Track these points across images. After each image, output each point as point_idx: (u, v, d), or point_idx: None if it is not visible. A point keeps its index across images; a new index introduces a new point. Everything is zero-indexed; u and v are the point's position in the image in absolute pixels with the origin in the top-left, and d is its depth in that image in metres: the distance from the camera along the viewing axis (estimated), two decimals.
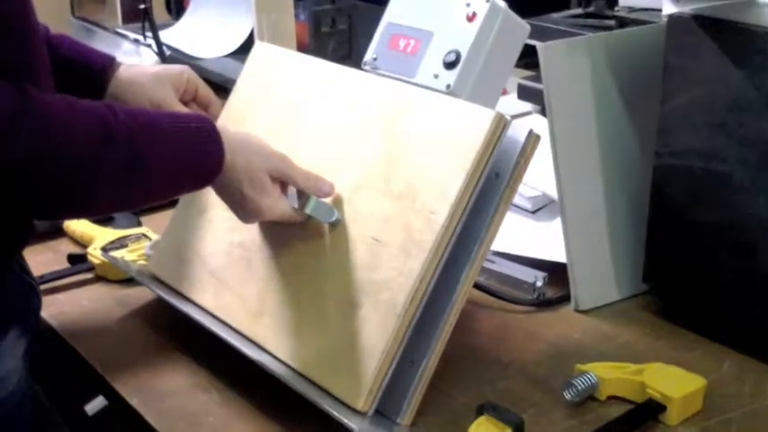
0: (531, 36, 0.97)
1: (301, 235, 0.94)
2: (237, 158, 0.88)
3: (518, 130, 0.87)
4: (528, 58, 1.02)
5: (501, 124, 0.84)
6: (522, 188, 1.14)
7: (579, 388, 0.91)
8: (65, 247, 1.25)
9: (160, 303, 1.08)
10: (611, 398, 0.92)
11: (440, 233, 0.84)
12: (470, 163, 0.84)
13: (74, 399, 1.27)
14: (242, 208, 0.91)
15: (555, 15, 1.61)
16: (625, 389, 0.92)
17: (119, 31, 1.81)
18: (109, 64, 1.07)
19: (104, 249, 1.17)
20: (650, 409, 0.90)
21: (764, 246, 0.95)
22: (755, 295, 0.96)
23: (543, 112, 1.42)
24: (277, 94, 1.04)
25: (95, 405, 1.38)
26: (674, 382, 0.90)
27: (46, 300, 1.12)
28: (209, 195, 1.05)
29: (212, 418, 0.91)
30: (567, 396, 0.91)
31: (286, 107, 1.02)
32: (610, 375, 0.92)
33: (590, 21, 1.55)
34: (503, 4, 0.93)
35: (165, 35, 1.78)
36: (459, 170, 0.84)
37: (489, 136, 0.84)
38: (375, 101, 0.94)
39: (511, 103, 1.51)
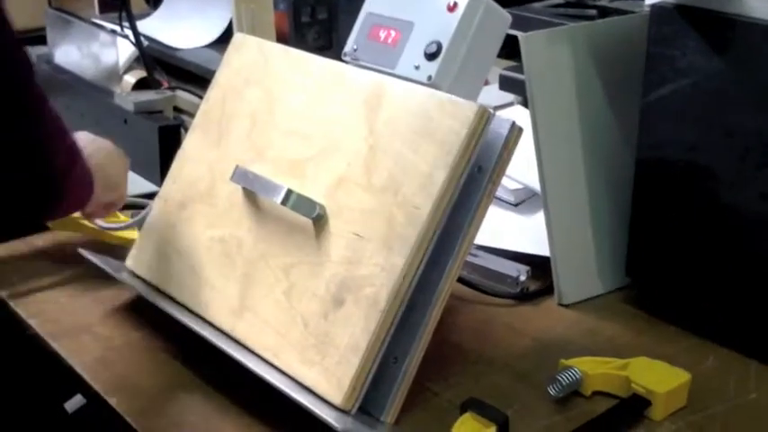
0: (512, 26, 0.96)
1: (283, 230, 0.93)
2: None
3: (500, 123, 0.86)
4: (509, 48, 1.01)
5: (484, 117, 0.83)
6: (504, 181, 1.13)
7: (563, 383, 0.90)
8: (43, 243, 1.24)
9: (140, 301, 1.06)
10: (596, 393, 0.92)
11: (423, 228, 0.83)
12: (454, 157, 0.83)
13: (54, 396, 1.26)
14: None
15: (536, 5, 1.60)
16: (610, 384, 0.91)
17: (95, 21, 1.78)
18: None
19: None
20: (635, 405, 0.89)
21: (748, 239, 0.94)
22: (739, 289, 0.96)
23: (525, 103, 1.42)
24: (257, 85, 1.02)
25: (75, 403, 1.36)
26: (658, 377, 0.90)
27: (24, 298, 1.10)
28: (188, 191, 1.04)
29: (194, 417, 0.90)
30: (552, 392, 0.90)
31: (266, 99, 1.01)
32: (594, 370, 0.91)
33: (571, 10, 1.54)
34: None
35: (142, 25, 1.75)
36: (442, 164, 0.83)
37: (473, 129, 0.82)
38: (356, 93, 0.92)
39: (492, 94, 1.50)
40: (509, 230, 1.20)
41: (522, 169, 1.15)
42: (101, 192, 1.00)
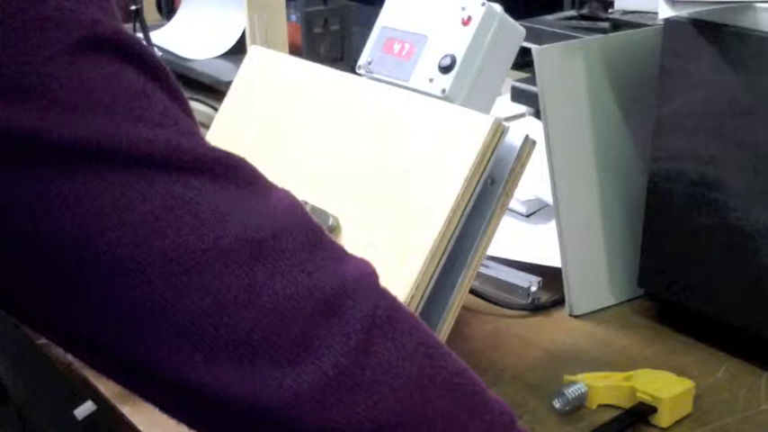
0: (525, 38, 0.96)
1: None
2: None
3: (514, 136, 0.86)
4: (519, 59, 1.02)
5: (499, 131, 0.83)
6: (515, 192, 1.14)
7: (569, 397, 0.90)
8: None
9: None
10: (602, 405, 0.92)
11: (436, 240, 0.84)
12: (468, 170, 0.83)
13: (63, 402, 1.27)
14: None
15: (548, 17, 1.60)
16: (615, 396, 0.92)
17: None
18: None
19: None
20: (641, 411, 0.89)
21: (761, 251, 0.94)
22: (751, 300, 0.96)
23: (536, 115, 1.42)
24: (271, 98, 1.03)
25: (85, 409, 1.37)
26: (662, 385, 0.90)
27: None
28: None
29: None
30: (557, 405, 0.90)
31: (281, 112, 1.01)
32: (599, 383, 0.91)
33: (584, 23, 1.54)
34: (498, 8, 0.93)
35: (155, 36, 1.76)
36: (456, 177, 0.84)
37: (487, 143, 0.83)
38: (371, 106, 0.93)
39: (504, 105, 1.51)
40: (520, 241, 1.21)
41: (533, 180, 1.15)
42: None
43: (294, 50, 1.67)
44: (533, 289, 1.10)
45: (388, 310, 0.58)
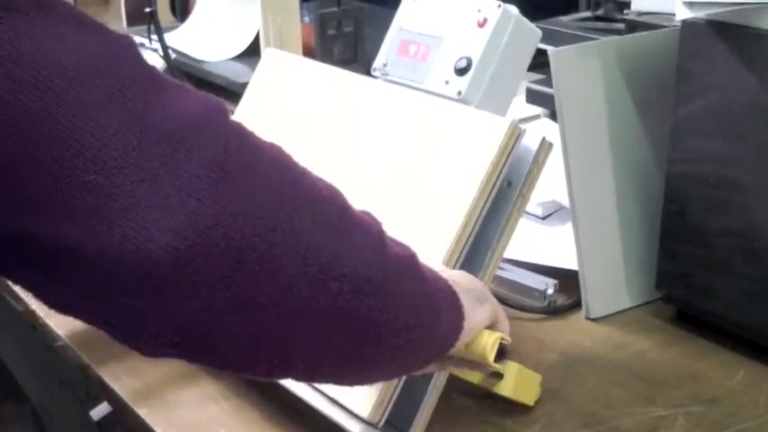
0: (540, 40, 0.96)
1: None
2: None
3: (530, 138, 0.86)
4: (535, 60, 1.01)
5: (515, 133, 0.83)
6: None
7: None
8: None
9: None
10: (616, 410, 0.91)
11: (452, 243, 0.83)
12: (484, 173, 0.83)
13: (79, 404, 1.27)
14: None
15: (563, 18, 1.60)
16: None
17: None
18: None
19: None
20: None
21: None
22: None
23: (551, 116, 1.42)
24: (286, 101, 1.03)
25: (101, 411, 1.37)
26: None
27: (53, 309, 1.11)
28: None
29: (223, 429, 0.90)
30: None
31: (295, 114, 1.01)
32: None
33: (599, 24, 1.54)
34: (514, 10, 0.93)
35: (169, 38, 1.76)
36: (472, 180, 0.83)
37: (503, 145, 0.83)
38: (386, 108, 0.93)
39: (519, 107, 1.50)
40: (536, 244, 1.20)
41: (550, 183, 1.15)
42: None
43: (307, 52, 1.67)
44: (550, 292, 1.10)
45: (239, 144, 0.57)
